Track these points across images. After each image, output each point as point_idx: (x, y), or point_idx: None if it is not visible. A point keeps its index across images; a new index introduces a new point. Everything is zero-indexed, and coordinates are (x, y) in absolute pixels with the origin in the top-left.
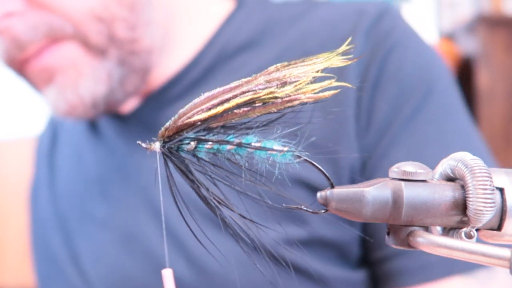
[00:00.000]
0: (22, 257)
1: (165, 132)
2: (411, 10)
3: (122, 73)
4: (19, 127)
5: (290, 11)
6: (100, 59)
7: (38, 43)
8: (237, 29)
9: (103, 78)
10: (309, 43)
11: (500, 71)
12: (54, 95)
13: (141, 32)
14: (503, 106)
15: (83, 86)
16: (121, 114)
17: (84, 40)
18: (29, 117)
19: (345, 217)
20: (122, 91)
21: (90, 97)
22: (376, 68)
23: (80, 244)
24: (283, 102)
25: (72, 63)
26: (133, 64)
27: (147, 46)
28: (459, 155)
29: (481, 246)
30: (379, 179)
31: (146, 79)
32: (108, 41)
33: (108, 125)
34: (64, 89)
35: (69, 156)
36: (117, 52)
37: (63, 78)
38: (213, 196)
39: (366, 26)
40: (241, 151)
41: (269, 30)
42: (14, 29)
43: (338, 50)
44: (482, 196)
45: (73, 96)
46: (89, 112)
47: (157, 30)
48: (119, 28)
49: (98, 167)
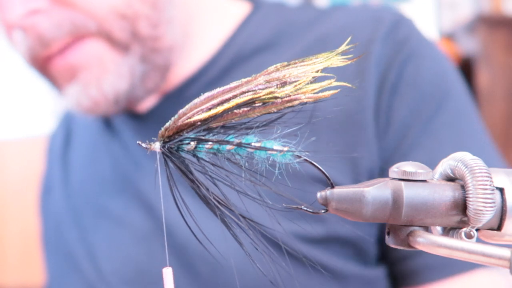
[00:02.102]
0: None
1: (165, 132)
2: (411, 10)
3: (143, 70)
4: (19, 127)
5: (305, 15)
6: (123, 55)
7: (62, 40)
8: (253, 31)
9: (126, 74)
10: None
11: (500, 71)
12: (77, 92)
13: (163, 30)
14: (503, 106)
15: (107, 82)
16: (137, 113)
17: (108, 36)
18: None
19: (345, 217)
20: (142, 88)
21: (113, 93)
22: (394, 74)
23: (96, 240)
24: (283, 102)
25: (97, 60)
26: (155, 62)
27: (168, 44)
28: (459, 155)
29: (481, 246)
30: (379, 179)
31: (166, 77)
32: (131, 37)
33: (124, 124)
34: (88, 85)
35: (84, 154)
36: (140, 49)
37: (87, 75)
38: (213, 196)
39: (383, 33)
40: (241, 151)
41: (285, 33)
42: (39, 26)
43: (337, 50)
44: (482, 196)
45: (97, 92)
46: (111, 108)
47: (177, 29)
48: (142, 25)
49: (113, 165)
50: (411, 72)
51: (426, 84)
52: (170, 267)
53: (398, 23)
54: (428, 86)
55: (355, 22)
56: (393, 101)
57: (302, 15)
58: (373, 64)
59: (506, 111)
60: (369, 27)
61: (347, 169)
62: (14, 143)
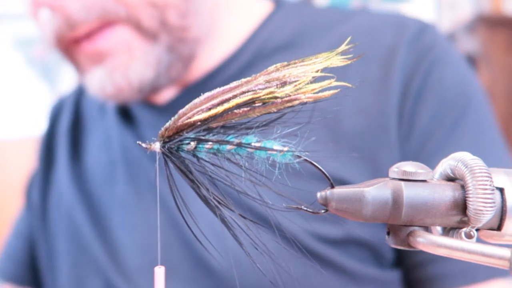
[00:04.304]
0: None
1: (165, 132)
2: (411, 10)
3: (170, 59)
4: (19, 127)
5: (328, 16)
6: (151, 43)
7: (90, 24)
8: (275, 29)
9: (152, 62)
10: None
11: (500, 71)
12: (102, 77)
13: (191, 21)
14: (503, 106)
15: (133, 69)
16: (156, 104)
17: (137, 24)
18: (29, 117)
19: (345, 217)
20: (167, 77)
21: (138, 81)
22: (419, 80)
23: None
24: (283, 102)
25: (126, 47)
26: (181, 52)
27: (195, 35)
28: (459, 155)
29: (481, 246)
30: (379, 179)
31: (188, 68)
32: (160, 26)
33: (142, 114)
34: (114, 71)
35: (97, 137)
36: (168, 38)
37: (114, 61)
38: (213, 196)
39: (408, 39)
40: (241, 151)
41: (306, 33)
42: (68, 7)
43: (337, 50)
44: (482, 196)
45: (122, 79)
46: (134, 96)
47: (204, 20)
48: (171, 15)
49: (127, 153)
50: (434, 80)
51: (449, 92)
52: (163, 266)
53: (423, 29)
54: (450, 94)
55: (379, 26)
56: (416, 108)
57: (324, 16)
58: (397, 69)
59: (506, 111)
60: (394, 31)
61: (368, 172)
62: (14, 143)
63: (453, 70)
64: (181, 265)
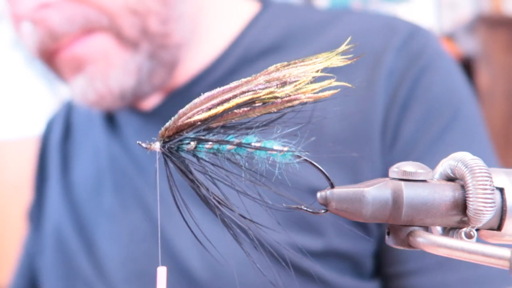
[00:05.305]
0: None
1: (165, 132)
2: (411, 10)
3: (151, 66)
4: (19, 127)
5: (316, 18)
6: (132, 52)
7: (73, 34)
8: (261, 32)
9: (132, 70)
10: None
11: (500, 71)
12: (83, 85)
13: (172, 26)
14: (503, 106)
15: (113, 77)
16: (141, 110)
17: (118, 32)
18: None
19: (345, 217)
20: (149, 84)
21: (119, 88)
22: (407, 87)
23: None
24: (283, 102)
25: (104, 54)
26: (163, 58)
27: (177, 41)
28: (459, 155)
29: (481, 246)
30: (379, 179)
31: (172, 74)
32: (141, 34)
33: (128, 120)
34: (94, 79)
35: (86, 149)
36: (149, 45)
37: (93, 68)
38: (213, 196)
39: (398, 43)
40: (241, 151)
41: (293, 36)
42: (50, 20)
43: (337, 50)
44: (482, 196)
45: (103, 86)
46: (116, 103)
47: (186, 25)
48: (152, 22)
49: (113, 161)
50: (423, 88)
51: (437, 101)
52: (164, 266)
53: (413, 33)
54: (439, 103)
55: (368, 29)
56: (403, 116)
57: (312, 18)
58: (384, 75)
59: (506, 111)
60: (383, 35)
61: (346, 181)
62: (14, 143)
63: (442, 78)
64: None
